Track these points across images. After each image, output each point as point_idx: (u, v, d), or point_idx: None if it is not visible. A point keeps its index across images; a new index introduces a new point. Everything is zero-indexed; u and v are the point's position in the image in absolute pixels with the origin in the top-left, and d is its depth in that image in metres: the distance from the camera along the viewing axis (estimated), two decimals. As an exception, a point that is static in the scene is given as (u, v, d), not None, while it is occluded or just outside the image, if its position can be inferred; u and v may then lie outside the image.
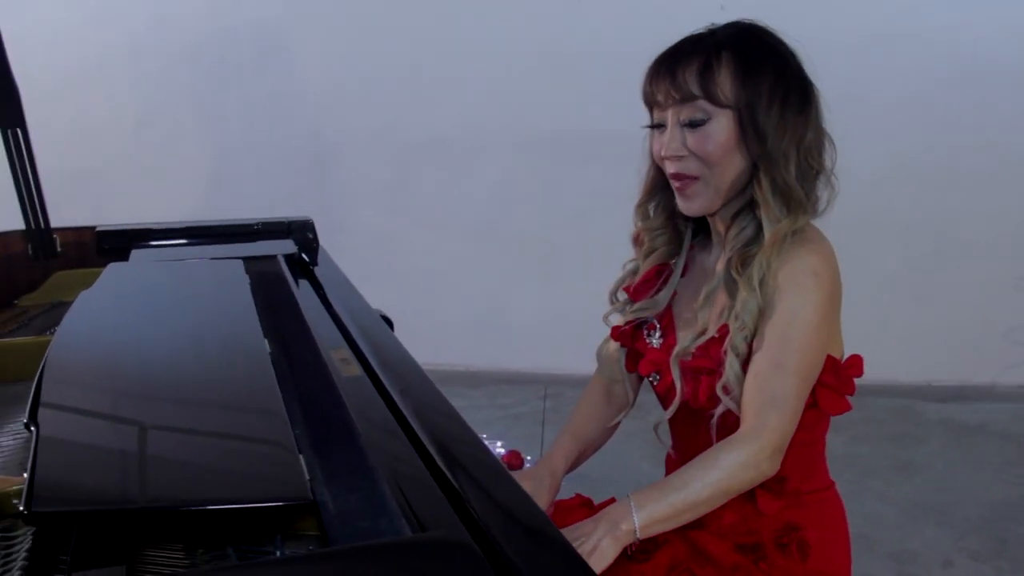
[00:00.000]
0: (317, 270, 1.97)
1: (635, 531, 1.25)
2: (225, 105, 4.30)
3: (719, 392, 1.36)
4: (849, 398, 1.41)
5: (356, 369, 1.34)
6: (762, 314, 1.35)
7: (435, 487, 0.96)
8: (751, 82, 1.34)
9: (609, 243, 1.58)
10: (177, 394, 1.10)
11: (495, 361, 4.20)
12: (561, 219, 4.08)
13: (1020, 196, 3.84)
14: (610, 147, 1.56)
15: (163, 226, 2.09)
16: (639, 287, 1.55)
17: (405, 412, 1.16)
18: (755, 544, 1.44)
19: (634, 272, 1.57)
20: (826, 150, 1.40)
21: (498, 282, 4.22)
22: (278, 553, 0.87)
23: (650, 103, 1.42)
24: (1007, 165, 3.81)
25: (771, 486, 1.38)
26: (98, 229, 2.08)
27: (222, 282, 1.63)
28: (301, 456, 0.94)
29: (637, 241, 1.57)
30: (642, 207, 1.52)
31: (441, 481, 0.98)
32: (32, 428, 0.96)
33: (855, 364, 1.41)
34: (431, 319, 3.85)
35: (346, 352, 1.42)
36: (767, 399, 1.32)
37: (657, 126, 1.42)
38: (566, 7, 3.93)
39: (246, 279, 1.65)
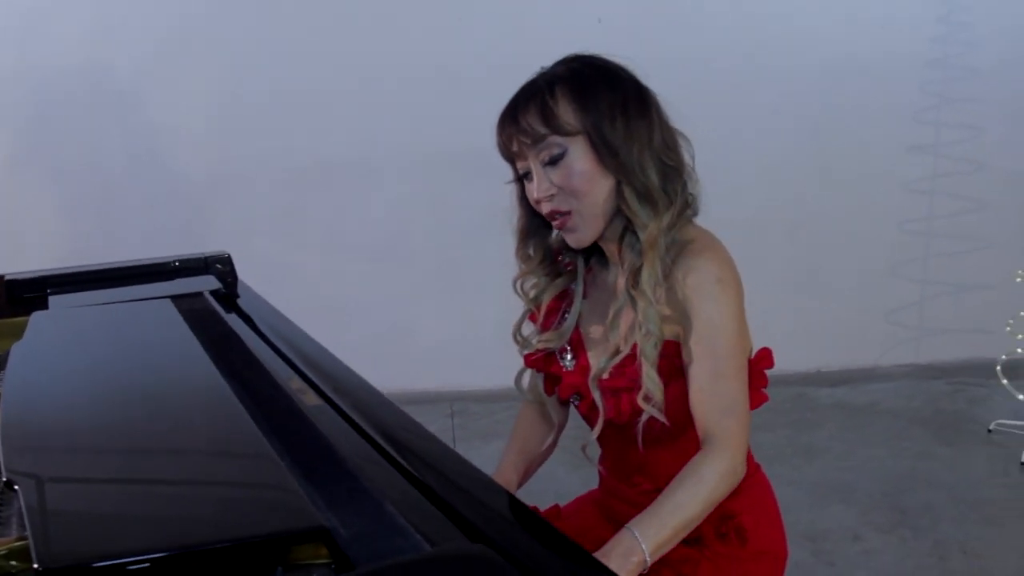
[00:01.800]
0: (241, 302, 1.95)
1: (646, 560, 1.31)
2: (104, 140, 4.16)
3: (640, 402, 1.40)
4: (763, 389, 1.49)
5: (315, 397, 1.34)
6: (678, 325, 1.40)
7: (430, 505, 0.99)
8: (589, 104, 1.39)
9: (507, 257, 1.62)
10: (155, 440, 1.09)
11: (399, 382, 4.17)
12: (458, 235, 4.11)
13: (890, 189, 4.08)
14: (503, 162, 1.62)
15: (77, 269, 2.02)
16: (546, 320, 1.58)
17: (375, 435, 1.18)
18: (696, 537, 1.50)
19: (530, 313, 1.61)
20: (681, 147, 1.45)
21: (398, 302, 4.21)
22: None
23: (509, 156, 1.47)
24: (876, 161, 4.05)
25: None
26: (7, 277, 2.00)
27: (158, 323, 1.60)
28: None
29: (521, 287, 1.60)
30: (521, 250, 1.57)
31: (432, 499, 1.01)
32: (15, 488, 0.94)
33: (765, 357, 1.48)
34: (332, 344, 3.80)
35: (299, 382, 1.42)
36: (720, 408, 1.38)
37: (525, 175, 1.46)
38: (451, 25, 3.96)
39: (180, 318, 1.62)
